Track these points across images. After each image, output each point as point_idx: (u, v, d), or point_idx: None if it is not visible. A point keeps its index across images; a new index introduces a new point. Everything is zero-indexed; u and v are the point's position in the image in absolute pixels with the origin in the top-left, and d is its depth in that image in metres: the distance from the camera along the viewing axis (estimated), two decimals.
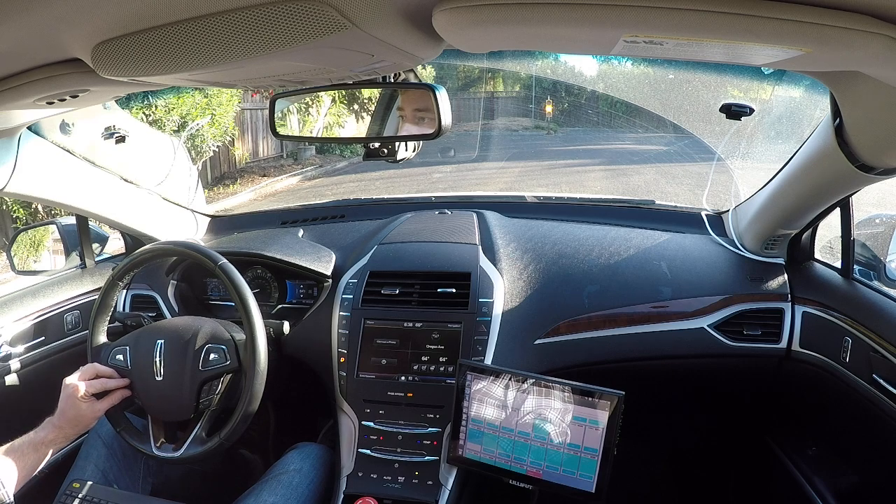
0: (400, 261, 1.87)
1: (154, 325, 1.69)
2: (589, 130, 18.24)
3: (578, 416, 1.45)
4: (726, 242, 1.92)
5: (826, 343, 1.67)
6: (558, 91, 18.76)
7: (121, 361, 1.61)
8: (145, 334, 1.64)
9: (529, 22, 0.69)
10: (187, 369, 1.58)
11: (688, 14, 0.64)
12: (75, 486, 1.52)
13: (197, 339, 1.60)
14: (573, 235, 1.97)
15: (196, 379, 1.58)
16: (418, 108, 1.36)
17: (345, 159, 13.90)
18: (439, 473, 1.60)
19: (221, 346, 1.59)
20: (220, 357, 1.59)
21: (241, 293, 1.59)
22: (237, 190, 11.25)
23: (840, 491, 1.73)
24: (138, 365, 1.60)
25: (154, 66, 0.81)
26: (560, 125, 19.14)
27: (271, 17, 0.69)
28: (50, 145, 1.69)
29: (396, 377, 1.69)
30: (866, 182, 1.35)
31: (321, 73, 0.97)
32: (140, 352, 1.61)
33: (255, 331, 1.57)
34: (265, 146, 13.40)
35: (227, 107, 9.20)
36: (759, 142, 1.99)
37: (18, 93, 1.04)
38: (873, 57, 0.72)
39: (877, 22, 0.64)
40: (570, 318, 1.79)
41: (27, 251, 5.58)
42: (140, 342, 1.63)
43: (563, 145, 17.03)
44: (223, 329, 1.65)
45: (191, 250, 1.65)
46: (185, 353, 1.59)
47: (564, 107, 19.62)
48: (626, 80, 11.29)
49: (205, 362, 1.58)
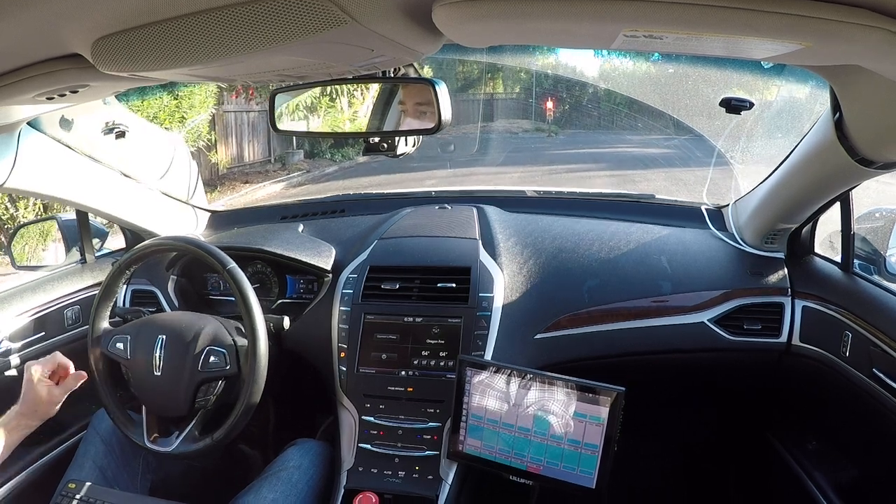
0: (400, 255, 1.87)
1: (156, 319, 1.69)
2: (591, 132, 17.76)
3: (579, 412, 1.45)
4: (726, 237, 1.92)
5: (826, 337, 1.67)
6: (559, 90, 18.31)
7: (120, 350, 1.62)
8: (147, 327, 1.65)
9: (529, 16, 0.69)
10: (186, 369, 1.58)
11: (688, 8, 0.64)
12: (71, 487, 1.53)
13: (199, 339, 1.60)
14: (573, 230, 1.97)
15: (194, 379, 1.58)
16: (420, 102, 1.36)
17: (335, 164, 13.62)
18: (440, 468, 1.60)
19: (222, 350, 1.60)
20: (220, 361, 1.59)
21: (246, 301, 1.60)
22: (214, 198, 10.18)
23: (840, 485, 1.74)
24: (137, 357, 1.61)
25: (154, 61, 0.81)
26: (561, 126, 18.66)
27: (271, 12, 0.69)
28: (50, 141, 1.69)
29: (397, 372, 1.70)
30: (866, 176, 1.35)
31: (321, 68, 0.97)
32: (140, 344, 1.62)
33: (258, 340, 1.58)
34: (251, 150, 12.92)
35: (199, 109, 8.87)
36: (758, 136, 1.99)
37: (18, 88, 1.03)
38: (872, 51, 0.71)
39: (876, 16, 0.64)
40: (570, 312, 1.79)
41: (35, 243, 5.56)
42: (141, 334, 1.63)
43: (564, 148, 16.70)
44: (225, 332, 1.65)
45: (200, 249, 1.65)
46: (186, 352, 1.59)
47: (565, 107, 19.11)
48: (630, 77, 11.15)
49: (204, 364, 1.59)
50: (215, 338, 1.62)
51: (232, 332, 1.66)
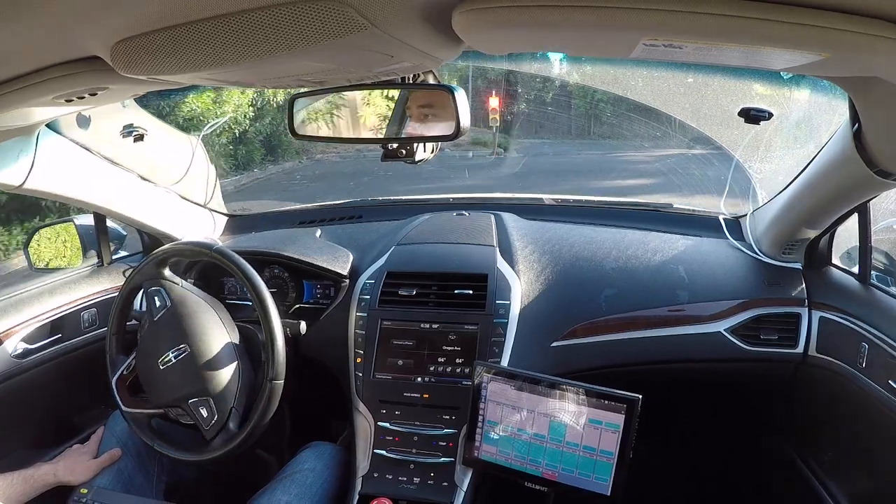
0: (417, 261, 1.87)
1: (197, 317, 1.70)
2: (561, 143, 13.24)
3: (594, 419, 1.45)
4: (744, 247, 1.92)
5: (843, 348, 1.67)
6: (512, 84, 12.66)
7: (154, 302, 1.69)
8: (184, 316, 1.68)
9: (549, 25, 0.69)
10: (180, 389, 1.62)
11: (708, 18, 0.64)
12: (83, 492, 1.55)
13: (207, 386, 1.62)
14: (590, 238, 1.97)
15: (179, 399, 1.63)
16: (423, 105, 1.36)
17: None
18: (455, 475, 1.60)
19: (215, 415, 1.62)
20: (206, 416, 1.62)
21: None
22: None
23: (856, 496, 1.73)
24: (156, 332, 1.67)
25: (173, 64, 0.81)
26: (512, 137, 12.89)
27: (291, 17, 0.69)
28: (68, 143, 1.70)
29: (412, 378, 1.70)
30: (885, 188, 1.35)
31: (340, 73, 0.98)
32: (167, 325, 1.66)
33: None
34: None
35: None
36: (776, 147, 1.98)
37: (37, 90, 1.04)
38: (892, 63, 0.72)
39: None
40: (587, 321, 1.79)
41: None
42: (175, 319, 1.67)
43: (516, 175, 10.52)
44: (232, 397, 1.65)
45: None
46: (190, 382, 1.62)
47: (521, 107, 13.33)
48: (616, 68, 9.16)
49: (195, 406, 1.62)
50: (221, 398, 1.63)
51: (237, 404, 1.65)
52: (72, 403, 2.08)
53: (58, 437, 1.99)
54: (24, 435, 1.94)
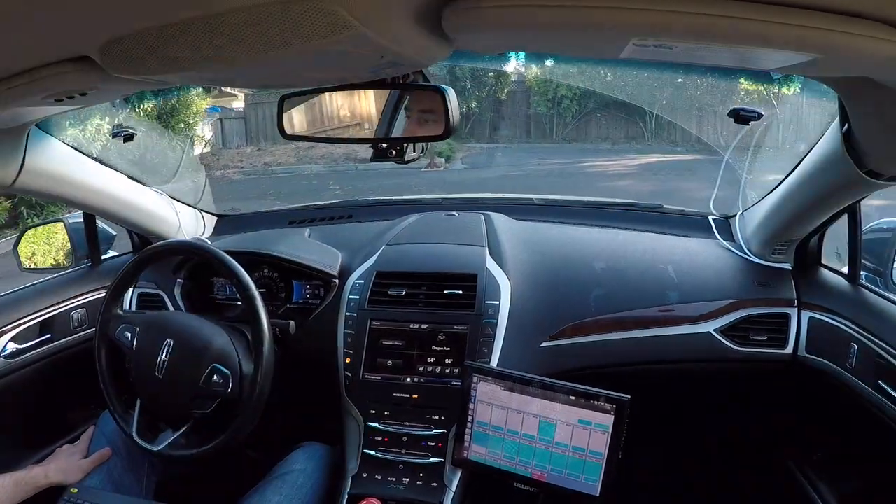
0: (407, 262, 1.87)
1: (168, 319, 1.72)
2: (526, 149, 11.10)
3: (584, 420, 1.45)
4: (733, 247, 1.92)
5: (832, 349, 1.67)
6: (459, 79, 11.15)
7: (127, 340, 1.66)
8: (157, 325, 1.67)
9: (539, 24, 0.69)
10: (187, 380, 1.60)
11: (698, 18, 0.64)
12: (74, 492, 1.55)
13: (205, 354, 1.62)
14: (580, 238, 1.97)
15: (192, 391, 1.60)
16: (423, 110, 1.36)
17: None
18: (444, 475, 1.60)
19: (227, 372, 1.61)
20: (222, 382, 1.60)
21: (253, 306, 1.63)
22: None
23: (845, 497, 1.73)
24: (141, 352, 1.64)
25: (163, 64, 0.81)
26: (462, 140, 11.15)
27: (280, 17, 0.69)
28: (58, 143, 1.69)
29: (402, 378, 1.70)
30: (874, 188, 1.35)
31: (329, 74, 0.98)
32: (147, 340, 1.64)
33: (261, 372, 1.60)
34: None
35: None
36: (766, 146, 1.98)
37: (26, 90, 1.03)
38: (883, 63, 0.72)
39: (887, 28, 0.65)
40: (576, 321, 1.79)
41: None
42: (151, 331, 1.66)
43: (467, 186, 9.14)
44: (234, 352, 1.65)
45: (227, 268, 1.66)
46: (190, 364, 1.61)
47: (471, 105, 11.78)
48: None
49: (206, 380, 1.60)
50: (222, 356, 1.63)
51: (241, 353, 1.66)
52: (61, 403, 2.07)
53: (47, 437, 1.99)
54: (14, 435, 1.93)
